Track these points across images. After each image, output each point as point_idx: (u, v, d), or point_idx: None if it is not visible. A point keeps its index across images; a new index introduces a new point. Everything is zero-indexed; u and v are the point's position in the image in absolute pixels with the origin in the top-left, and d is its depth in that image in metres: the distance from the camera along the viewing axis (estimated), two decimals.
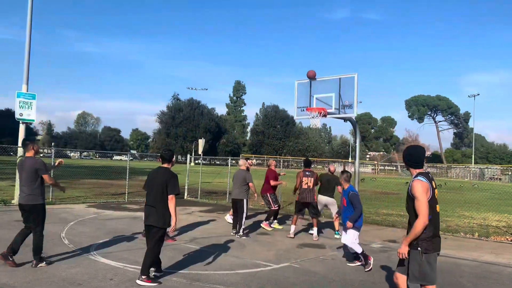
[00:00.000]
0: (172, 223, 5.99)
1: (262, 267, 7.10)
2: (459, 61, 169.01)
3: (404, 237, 4.28)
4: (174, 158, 6.52)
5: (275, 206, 11.20)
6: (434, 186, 4.23)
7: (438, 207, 4.24)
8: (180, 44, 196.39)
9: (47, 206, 6.49)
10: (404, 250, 4.22)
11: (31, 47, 14.05)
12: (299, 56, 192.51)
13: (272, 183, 11.41)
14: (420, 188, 4.09)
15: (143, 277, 5.85)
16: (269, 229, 11.00)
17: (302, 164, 11.00)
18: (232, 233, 10.05)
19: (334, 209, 10.56)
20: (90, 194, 17.97)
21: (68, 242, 8.31)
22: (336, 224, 10.48)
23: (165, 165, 6.27)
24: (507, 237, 11.09)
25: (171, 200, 5.97)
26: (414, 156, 4.30)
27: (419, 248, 4.15)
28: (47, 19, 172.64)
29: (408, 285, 4.43)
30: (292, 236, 10.01)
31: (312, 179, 10.15)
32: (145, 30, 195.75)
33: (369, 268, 7.11)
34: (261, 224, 11.21)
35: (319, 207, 10.60)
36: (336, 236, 10.35)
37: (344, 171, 7.62)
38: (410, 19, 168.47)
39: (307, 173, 10.21)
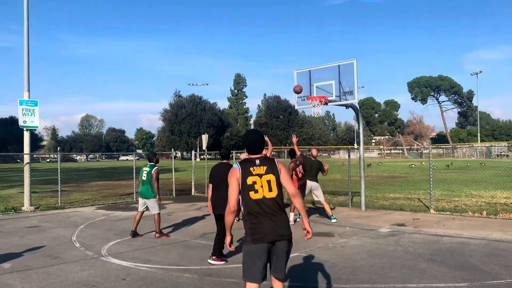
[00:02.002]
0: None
1: None
2: (459, 39, 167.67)
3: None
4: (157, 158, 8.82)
5: None
6: (258, 172, 3.84)
7: (252, 194, 3.80)
8: (179, 40, 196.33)
9: (56, 211, 6.57)
10: (226, 239, 4.00)
11: (30, 53, 14.09)
12: (298, 45, 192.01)
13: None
14: (230, 174, 3.90)
15: (214, 257, 6.92)
16: None
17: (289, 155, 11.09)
18: (236, 220, 10.30)
19: (319, 193, 10.71)
20: (98, 196, 18.10)
21: (79, 245, 8.41)
22: (327, 208, 10.68)
23: (225, 161, 7.39)
24: None
25: None
26: (245, 141, 4.03)
27: (245, 239, 3.88)
28: (44, 23, 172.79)
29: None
30: (293, 223, 10.09)
31: (300, 167, 10.42)
32: (143, 28, 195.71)
33: None
34: None
35: (305, 192, 10.71)
36: (332, 220, 10.49)
37: None
38: (406, 0, 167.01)
39: (296, 162, 10.39)
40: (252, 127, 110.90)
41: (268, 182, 3.84)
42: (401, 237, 8.66)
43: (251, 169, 3.86)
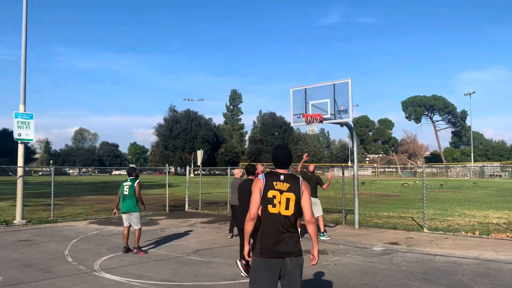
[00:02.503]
0: None
1: None
2: (453, 60, 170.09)
3: None
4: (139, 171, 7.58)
5: None
6: (280, 188, 3.89)
7: (270, 208, 3.87)
8: (175, 55, 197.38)
9: (48, 225, 6.58)
10: (244, 249, 4.12)
11: (27, 66, 14.13)
12: (294, 63, 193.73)
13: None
14: (254, 183, 3.98)
15: (243, 261, 7.12)
16: None
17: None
18: (228, 237, 10.85)
19: (317, 209, 10.69)
20: (91, 210, 17.98)
21: (72, 260, 8.35)
22: (321, 224, 10.73)
23: (250, 177, 7.46)
24: (508, 233, 11.15)
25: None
26: (273, 156, 4.10)
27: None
28: (40, 35, 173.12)
29: None
30: None
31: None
32: (138, 43, 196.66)
33: None
34: None
35: None
36: (322, 238, 10.51)
37: None
38: (401, 21, 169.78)
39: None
40: (247, 143, 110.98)
41: (287, 200, 3.88)
42: (394, 256, 8.68)
43: (274, 183, 3.92)
